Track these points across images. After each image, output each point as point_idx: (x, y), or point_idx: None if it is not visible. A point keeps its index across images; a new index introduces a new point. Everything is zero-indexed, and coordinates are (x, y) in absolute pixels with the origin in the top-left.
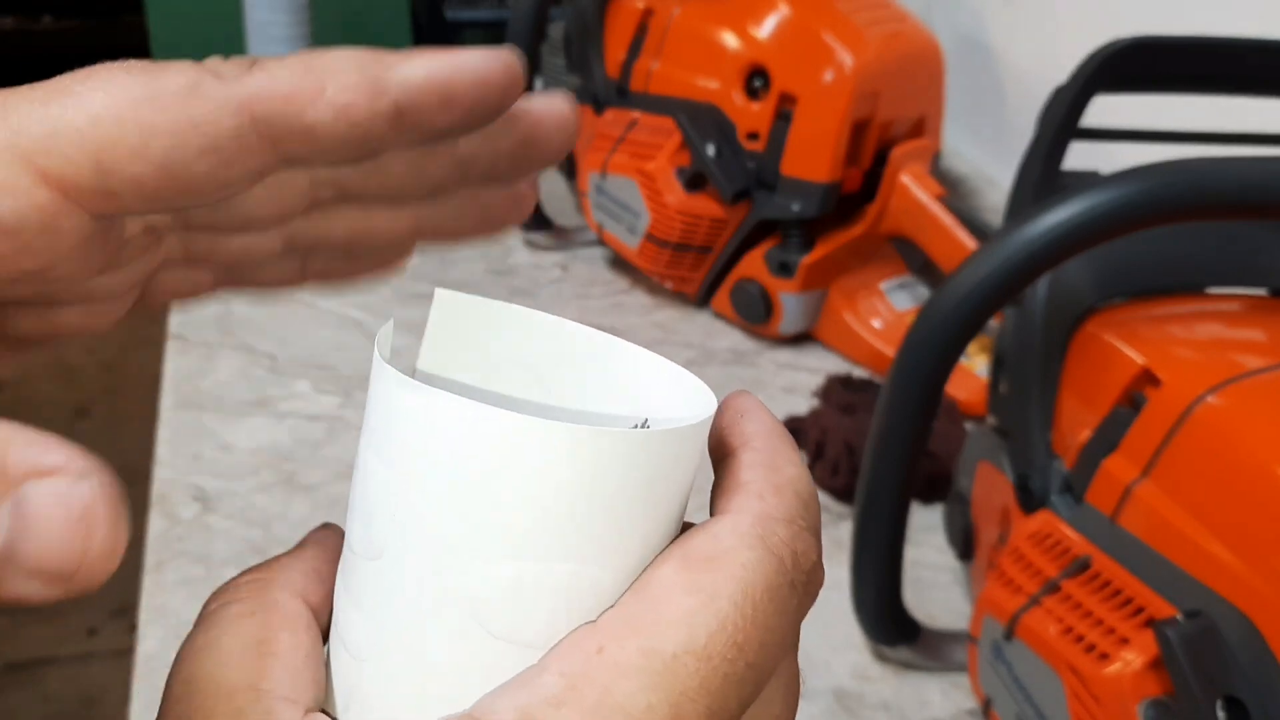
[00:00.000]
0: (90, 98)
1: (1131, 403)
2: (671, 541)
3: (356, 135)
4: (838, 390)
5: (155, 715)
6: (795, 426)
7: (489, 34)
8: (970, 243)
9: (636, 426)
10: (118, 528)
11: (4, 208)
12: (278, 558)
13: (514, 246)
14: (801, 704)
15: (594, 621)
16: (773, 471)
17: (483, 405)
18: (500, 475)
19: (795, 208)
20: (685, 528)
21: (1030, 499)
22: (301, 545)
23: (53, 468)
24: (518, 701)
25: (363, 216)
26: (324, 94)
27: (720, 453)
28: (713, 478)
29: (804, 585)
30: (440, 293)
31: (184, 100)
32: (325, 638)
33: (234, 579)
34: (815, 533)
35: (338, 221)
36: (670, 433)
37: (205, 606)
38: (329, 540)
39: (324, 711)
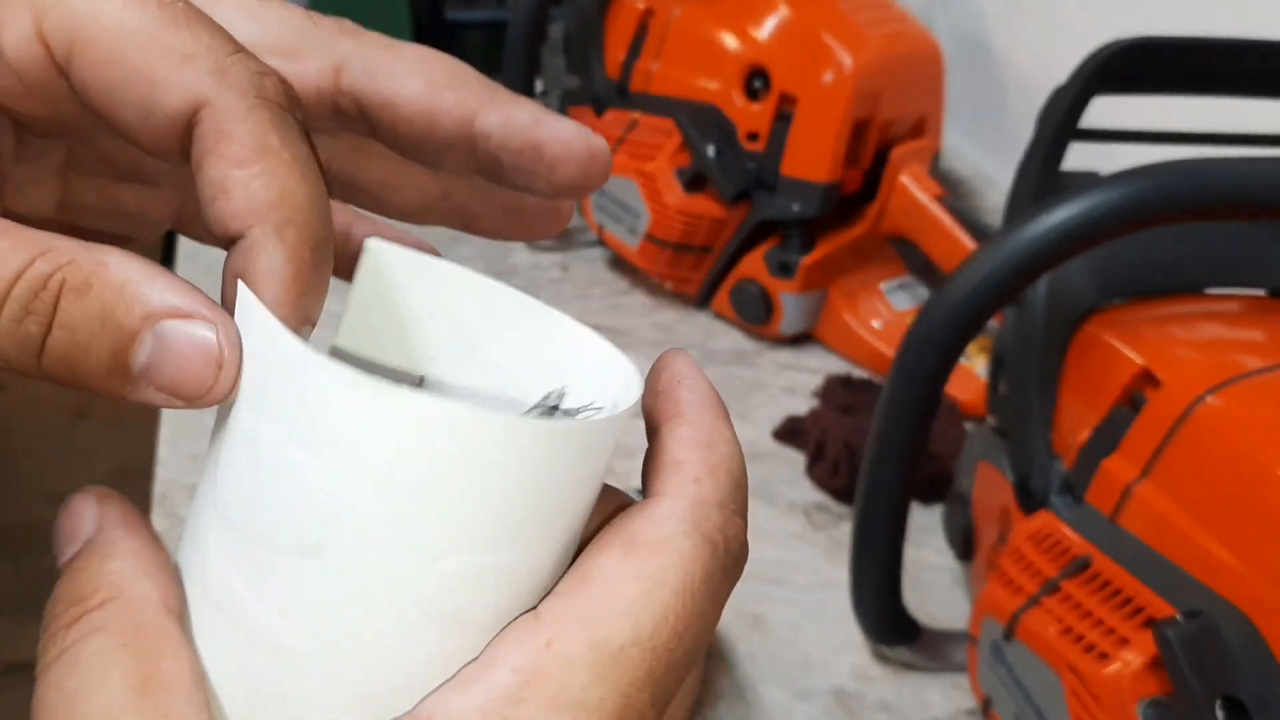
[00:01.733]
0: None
1: (1131, 403)
2: (591, 510)
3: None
4: (838, 390)
5: None
6: (795, 427)
7: (489, 34)
8: (970, 243)
9: (552, 394)
10: (235, 368)
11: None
12: (103, 552)
13: (514, 246)
14: (801, 704)
15: (537, 611)
16: (709, 450)
17: (435, 399)
18: (458, 468)
19: (795, 208)
20: (610, 493)
21: (1030, 499)
22: (109, 532)
23: (190, 311)
24: (475, 700)
25: (399, 169)
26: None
27: (655, 420)
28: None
29: (732, 569)
30: (371, 243)
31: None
32: None
33: (76, 593)
34: (743, 513)
35: (372, 165)
36: (613, 419)
37: (53, 631)
38: (129, 519)
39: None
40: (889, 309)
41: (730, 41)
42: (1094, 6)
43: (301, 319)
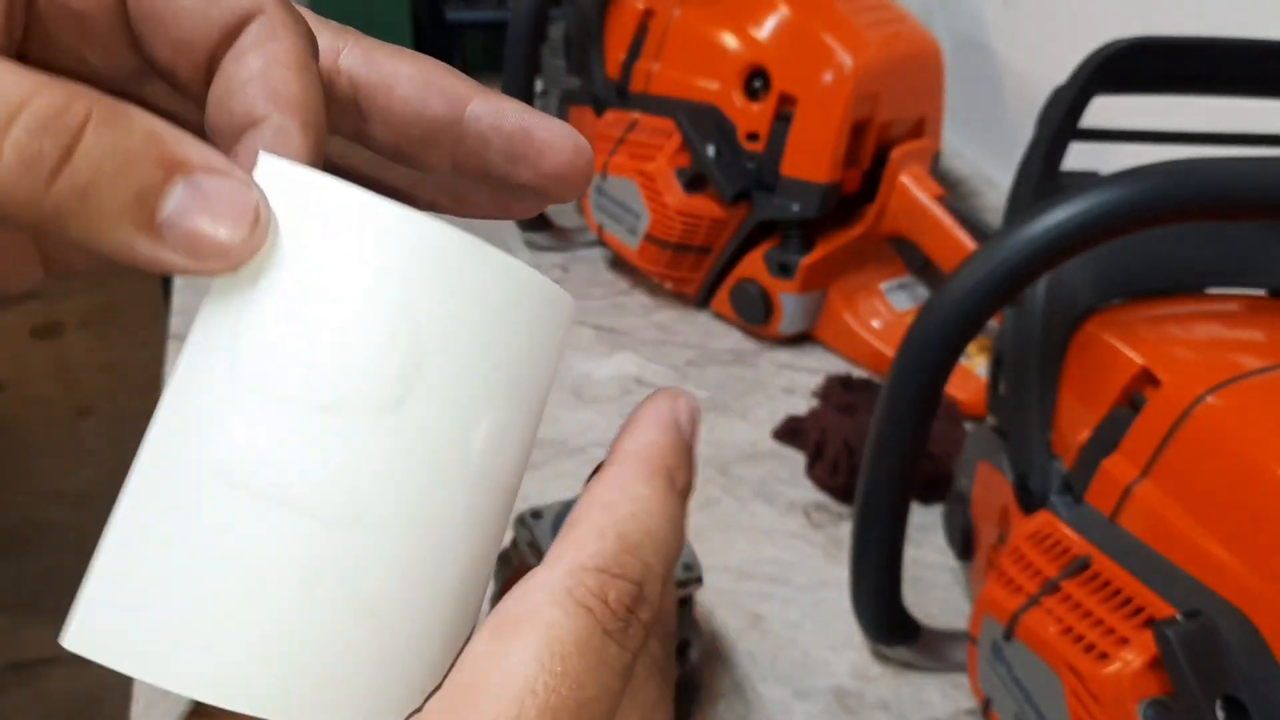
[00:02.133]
0: None
1: (1131, 403)
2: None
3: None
4: (837, 390)
5: (158, 715)
6: (795, 427)
7: (490, 35)
8: (970, 243)
9: None
10: (268, 226)
11: None
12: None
13: (514, 247)
14: (801, 703)
15: (421, 712)
16: (606, 511)
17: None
18: (509, 317)
19: (795, 208)
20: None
21: (1030, 499)
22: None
23: (225, 170)
24: None
25: (374, 161)
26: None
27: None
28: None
29: (623, 631)
30: (265, 159)
31: None
32: None
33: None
34: (640, 575)
35: (352, 178)
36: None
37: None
38: None
39: None
40: (889, 309)
41: (730, 42)
42: (1093, 7)
43: None
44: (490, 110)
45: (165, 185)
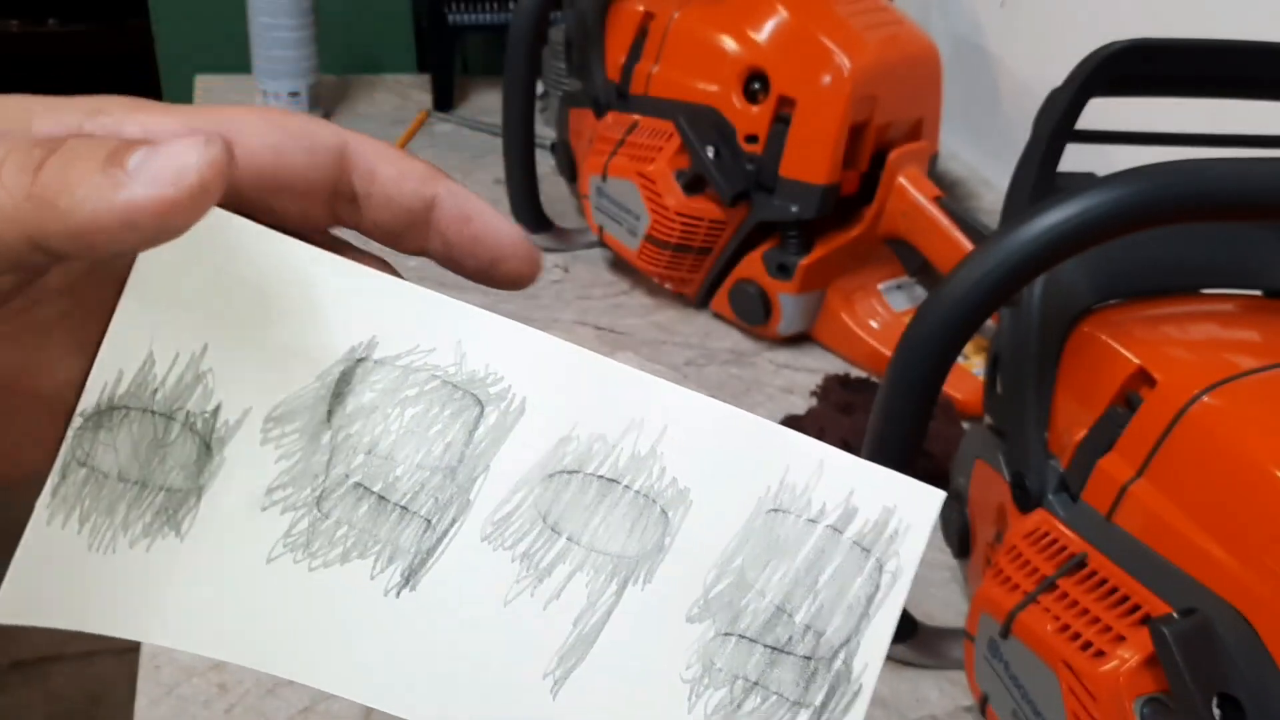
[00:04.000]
0: None
1: (1127, 402)
2: None
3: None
4: (836, 390)
5: (161, 711)
6: (794, 427)
7: (490, 37)
8: (967, 244)
9: (359, 345)
10: (224, 150)
11: None
12: None
13: None
14: None
15: None
16: None
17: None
18: None
19: (794, 210)
20: None
21: (1026, 498)
22: None
23: (178, 130)
24: None
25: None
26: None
27: None
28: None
29: None
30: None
31: None
32: None
33: None
34: None
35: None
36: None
37: None
38: None
39: None
40: (887, 309)
41: (729, 44)
42: (1090, 8)
43: None
44: (454, 210)
45: (131, 148)
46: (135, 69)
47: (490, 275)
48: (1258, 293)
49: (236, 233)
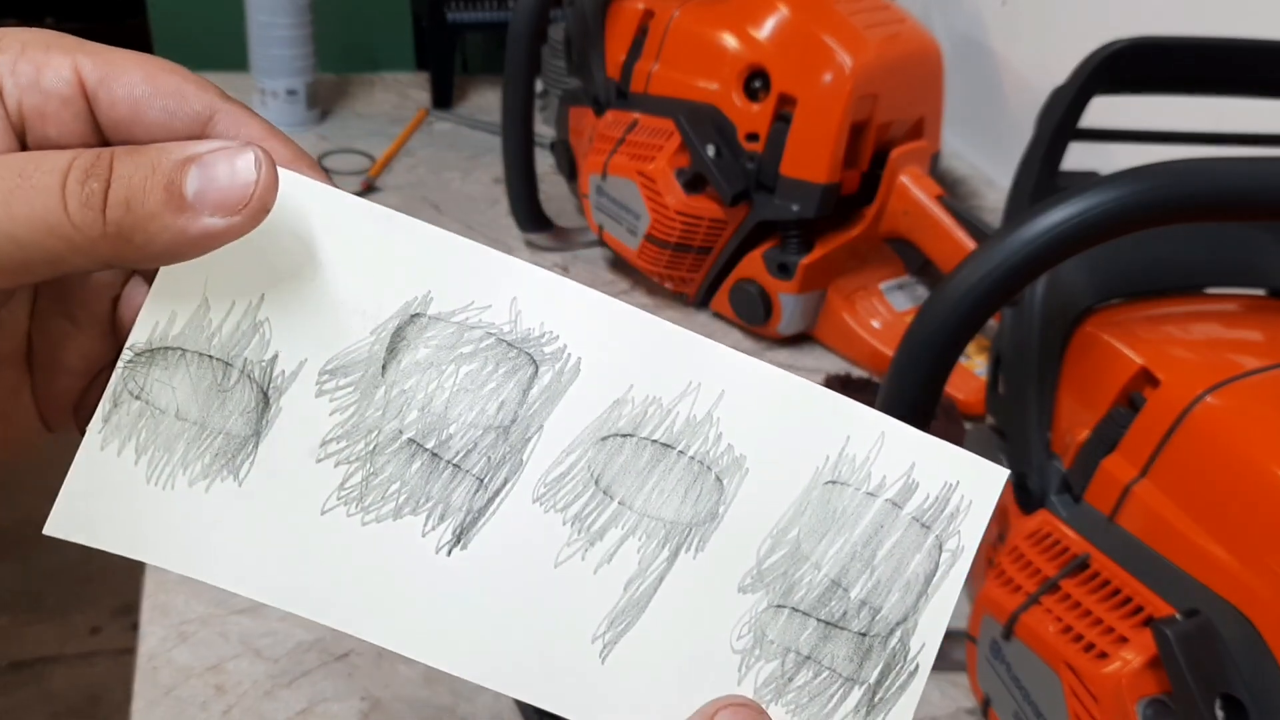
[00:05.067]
0: None
1: (1130, 403)
2: None
3: None
4: (837, 389)
5: (159, 713)
6: None
7: (490, 35)
8: (969, 243)
9: (415, 299)
10: (273, 168)
11: None
12: None
13: (515, 247)
14: None
15: None
16: None
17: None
18: None
19: (794, 209)
20: None
21: (1029, 498)
22: None
23: (219, 144)
24: None
25: None
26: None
27: None
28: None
29: None
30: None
31: None
32: None
33: None
34: None
35: None
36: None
37: None
38: None
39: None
40: (888, 309)
41: (730, 42)
42: (1092, 7)
43: None
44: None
45: (183, 173)
46: None
47: None
48: (1261, 292)
49: (291, 187)
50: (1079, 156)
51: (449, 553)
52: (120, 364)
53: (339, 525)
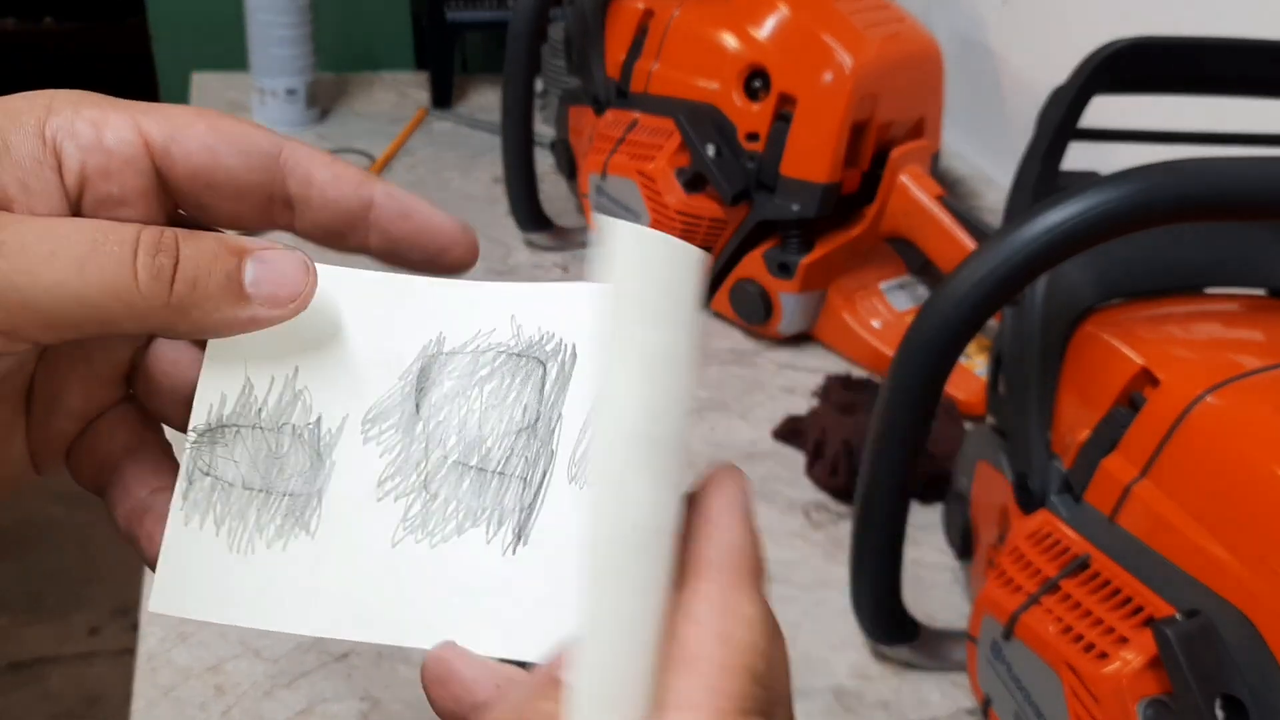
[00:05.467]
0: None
1: (1130, 403)
2: None
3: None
4: (837, 390)
5: (158, 713)
6: (795, 426)
7: (490, 35)
8: (969, 243)
9: (430, 342)
10: (314, 279)
11: None
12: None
13: (514, 247)
14: (801, 702)
15: None
16: (725, 646)
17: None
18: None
19: (795, 208)
20: None
21: (1029, 498)
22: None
23: (273, 245)
24: None
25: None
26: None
27: (680, 567)
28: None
29: None
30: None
31: None
32: None
33: None
34: (771, 704)
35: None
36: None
37: None
38: None
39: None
40: (888, 309)
41: (730, 42)
42: (1093, 7)
43: None
44: (393, 208)
45: (242, 265)
46: (132, 67)
47: (436, 263)
48: (1261, 292)
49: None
50: (1079, 156)
51: (514, 551)
52: (187, 445)
53: (411, 553)
